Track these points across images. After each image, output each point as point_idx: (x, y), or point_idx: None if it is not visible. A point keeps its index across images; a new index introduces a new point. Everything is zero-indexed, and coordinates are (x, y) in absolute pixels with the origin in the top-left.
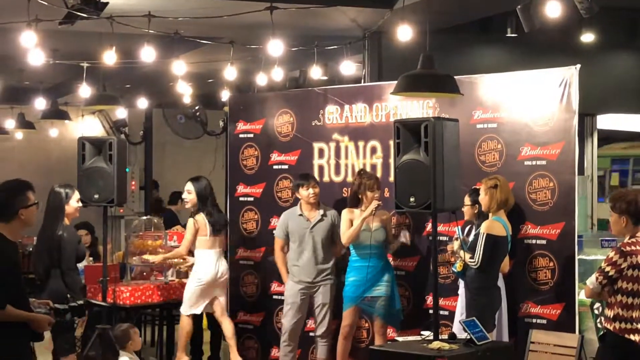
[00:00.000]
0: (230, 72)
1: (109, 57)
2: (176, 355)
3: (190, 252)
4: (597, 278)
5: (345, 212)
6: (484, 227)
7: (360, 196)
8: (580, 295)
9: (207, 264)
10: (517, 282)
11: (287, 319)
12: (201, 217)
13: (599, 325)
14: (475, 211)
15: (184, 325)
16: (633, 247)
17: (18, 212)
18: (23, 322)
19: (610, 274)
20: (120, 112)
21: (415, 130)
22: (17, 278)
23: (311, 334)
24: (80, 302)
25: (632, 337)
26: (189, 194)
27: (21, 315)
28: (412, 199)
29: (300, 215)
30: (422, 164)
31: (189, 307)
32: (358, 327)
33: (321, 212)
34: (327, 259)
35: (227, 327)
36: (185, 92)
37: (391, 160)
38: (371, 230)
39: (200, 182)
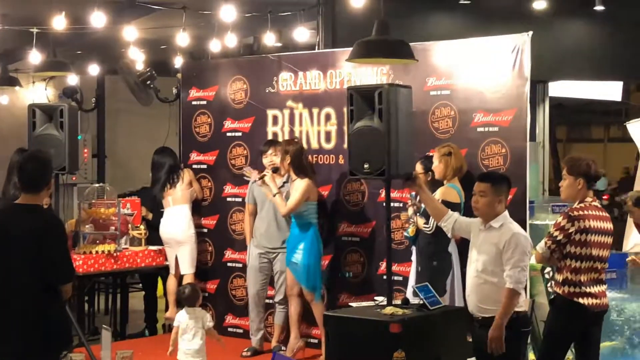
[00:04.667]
0: (183, 38)
1: (59, 23)
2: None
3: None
4: (546, 243)
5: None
6: (439, 194)
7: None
8: (531, 260)
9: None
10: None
11: (248, 285)
12: None
13: (549, 289)
14: (429, 178)
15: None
16: (581, 212)
17: (49, 183)
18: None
19: (558, 238)
20: (72, 79)
21: (369, 96)
22: None
23: (269, 300)
24: None
25: (581, 300)
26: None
27: None
28: (366, 166)
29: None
30: (377, 130)
31: None
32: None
33: (284, 179)
34: (289, 226)
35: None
36: (137, 58)
37: (345, 128)
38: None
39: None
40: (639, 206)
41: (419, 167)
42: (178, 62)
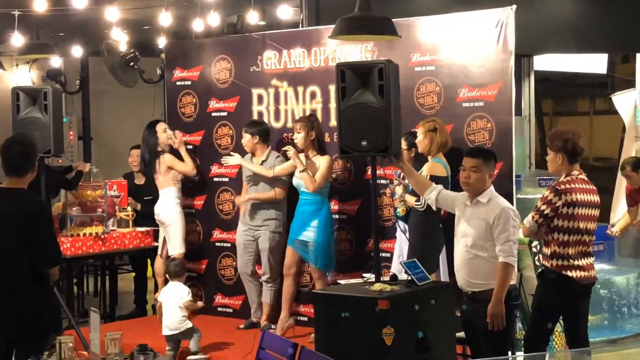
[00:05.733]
0: (166, 18)
1: (40, 4)
2: None
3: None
4: (533, 217)
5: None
6: (426, 169)
7: None
8: (519, 235)
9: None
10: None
11: (238, 261)
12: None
13: (537, 262)
14: (412, 155)
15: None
16: (568, 185)
17: (34, 166)
18: None
19: (545, 212)
20: (55, 61)
21: (363, 73)
22: None
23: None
24: None
25: (569, 273)
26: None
27: None
28: (364, 143)
29: (250, 159)
30: (376, 107)
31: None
32: (301, 271)
33: (263, 157)
34: (270, 204)
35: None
36: (120, 39)
37: (331, 105)
38: (297, 177)
39: None
40: (637, 170)
41: (403, 144)
42: (161, 42)
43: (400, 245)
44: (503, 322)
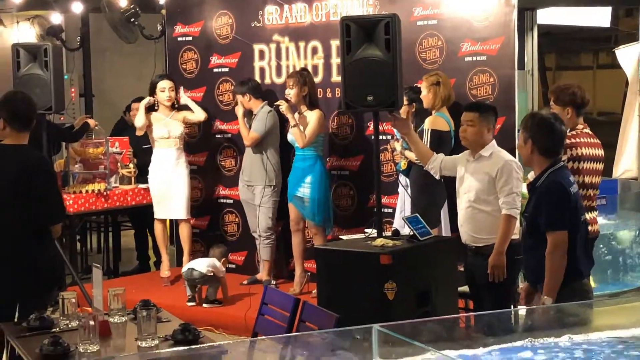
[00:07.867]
0: None
1: None
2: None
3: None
4: None
5: None
6: (428, 123)
7: None
8: (522, 188)
9: None
10: None
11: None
12: None
13: None
14: (413, 110)
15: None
16: (574, 140)
17: (33, 121)
18: None
19: None
20: (56, 18)
21: (368, 27)
22: None
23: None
24: None
25: None
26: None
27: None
28: (370, 98)
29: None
30: (383, 61)
31: None
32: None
33: (255, 114)
34: (260, 159)
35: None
36: None
37: (333, 61)
38: (290, 132)
39: None
40: None
41: (404, 99)
42: None
43: (402, 201)
44: (504, 273)
